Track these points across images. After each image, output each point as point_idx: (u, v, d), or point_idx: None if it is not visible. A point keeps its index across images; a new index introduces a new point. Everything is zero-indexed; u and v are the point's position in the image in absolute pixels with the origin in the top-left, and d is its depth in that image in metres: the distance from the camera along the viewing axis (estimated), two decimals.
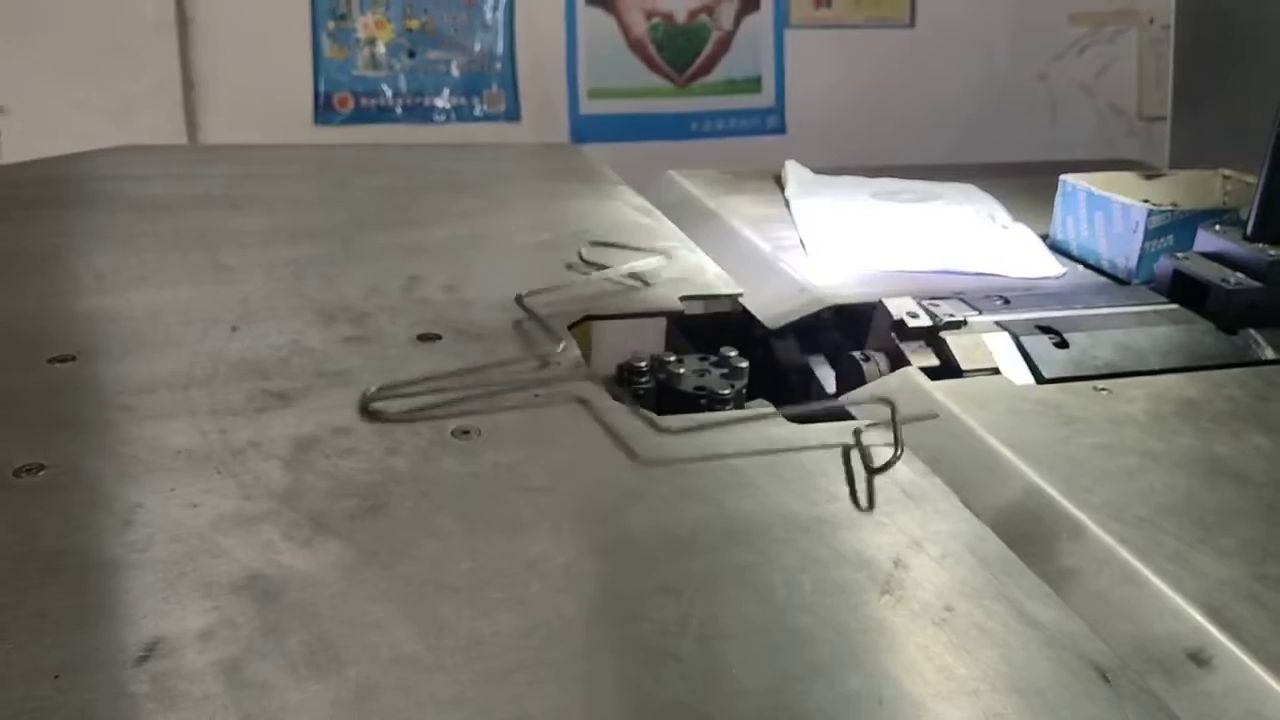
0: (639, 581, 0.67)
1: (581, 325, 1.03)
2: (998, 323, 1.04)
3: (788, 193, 1.48)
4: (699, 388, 0.94)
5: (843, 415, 0.91)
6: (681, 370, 0.96)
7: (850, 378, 1.03)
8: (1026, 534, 0.77)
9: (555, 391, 0.88)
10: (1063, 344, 1.01)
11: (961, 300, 1.08)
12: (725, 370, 0.96)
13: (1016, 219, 1.40)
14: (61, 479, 0.74)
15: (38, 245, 1.15)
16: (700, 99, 2.89)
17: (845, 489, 0.78)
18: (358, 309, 1.02)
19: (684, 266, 1.16)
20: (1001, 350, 1.01)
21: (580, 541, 0.70)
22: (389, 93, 2.68)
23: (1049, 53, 3.09)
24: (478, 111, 2.76)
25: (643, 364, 0.95)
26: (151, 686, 0.56)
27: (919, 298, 1.07)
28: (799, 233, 1.33)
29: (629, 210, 1.35)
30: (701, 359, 0.99)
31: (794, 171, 1.55)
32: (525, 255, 1.18)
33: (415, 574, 0.66)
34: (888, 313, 1.05)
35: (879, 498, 0.77)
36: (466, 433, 0.82)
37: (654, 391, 0.95)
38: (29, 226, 1.20)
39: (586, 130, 2.81)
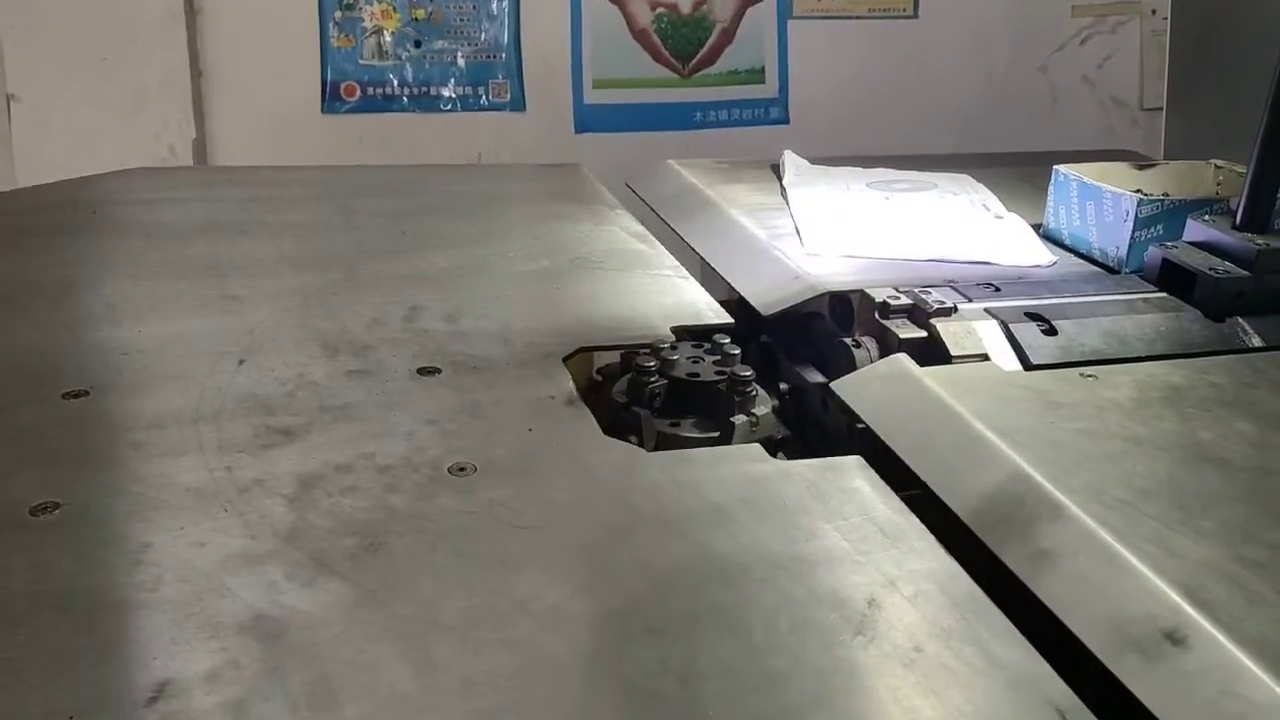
0: (624, 621, 0.70)
1: (576, 356, 1.06)
2: (987, 310, 1.07)
3: (784, 182, 1.51)
4: (691, 374, 0.97)
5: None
6: (675, 357, 0.99)
7: (841, 363, 1.06)
8: (1008, 516, 0.80)
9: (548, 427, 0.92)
10: (1051, 331, 1.04)
11: (952, 288, 1.12)
12: (718, 357, 1.00)
13: (1010, 209, 1.43)
14: (74, 517, 0.78)
15: (50, 275, 1.18)
16: (704, 89, 2.91)
17: (824, 526, 0.81)
18: (360, 341, 1.05)
19: (677, 296, 1.20)
20: (990, 337, 1.04)
21: (569, 580, 0.74)
22: (395, 82, 2.71)
23: (1051, 44, 3.10)
24: (483, 101, 2.79)
25: (651, 364, 0.98)
26: None
27: (911, 285, 1.10)
28: (794, 221, 1.36)
29: (625, 236, 1.38)
30: (695, 345, 1.03)
31: (791, 161, 1.58)
32: (523, 284, 1.21)
33: (411, 613, 0.70)
34: (870, 299, 1.08)
35: (855, 536, 0.80)
36: (463, 469, 0.85)
37: (664, 389, 0.98)
38: (41, 255, 1.24)
39: (591, 120, 2.84)
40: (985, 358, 1.02)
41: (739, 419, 0.93)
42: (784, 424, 1.07)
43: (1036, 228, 1.36)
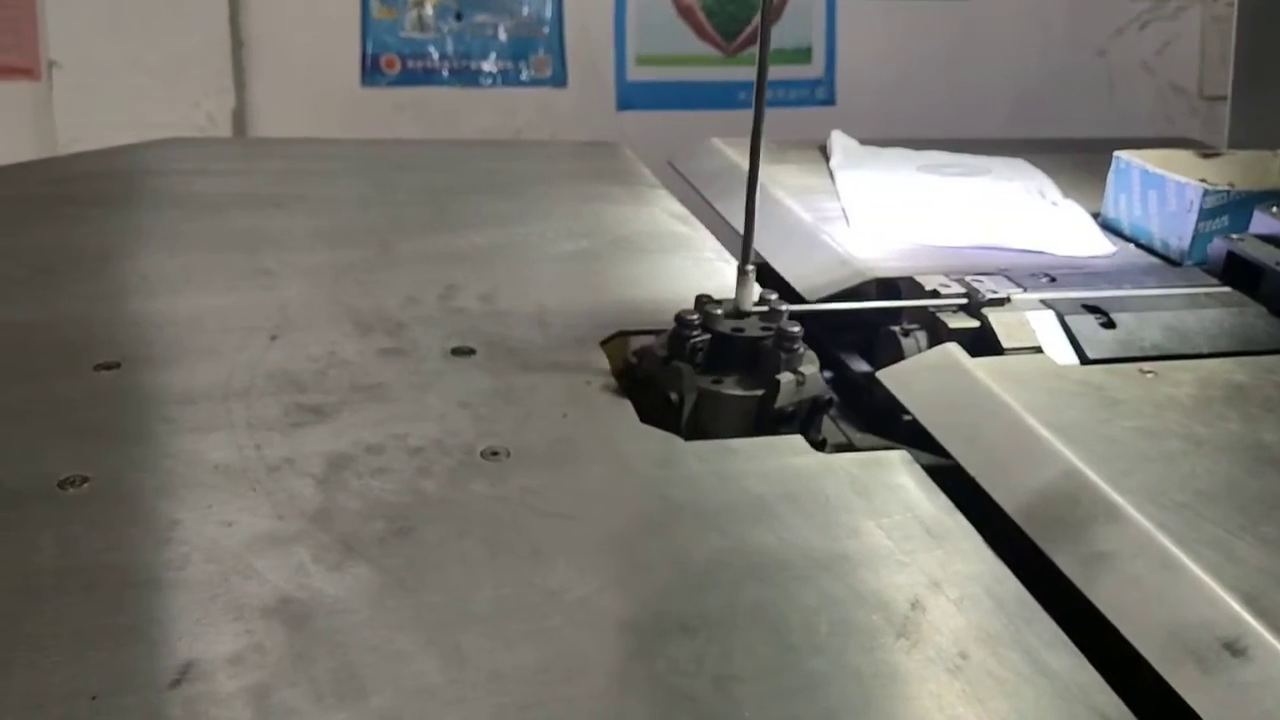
0: (657, 618, 0.68)
1: (614, 340, 1.04)
2: (1043, 301, 1.04)
3: (832, 163, 1.48)
4: (736, 329, 0.94)
5: None
6: (719, 311, 0.95)
7: (888, 352, 1.03)
8: (1061, 516, 0.77)
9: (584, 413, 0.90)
10: (1109, 324, 1.01)
11: (1006, 277, 1.08)
12: (764, 310, 0.96)
13: (1067, 195, 1.39)
14: (104, 491, 0.76)
15: (87, 245, 1.18)
16: (749, 68, 2.88)
17: (867, 523, 0.79)
18: (394, 319, 1.03)
19: (720, 279, 1.17)
20: (1045, 329, 1.01)
21: (601, 573, 0.72)
22: (436, 55, 2.70)
23: (1109, 28, 3.03)
24: (524, 76, 2.77)
25: (694, 317, 0.94)
26: (184, 711, 0.59)
27: (963, 273, 1.07)
28: (842, 204, 1.33)
29: (666, 218, 1.36)
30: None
31: (839, 142, 1.55)
32: (561, 264, 1.19)
33: (440, 602, 0.68)
34: (920, 286, 1.05)
35: (899, 534, 0.78)
36: (496, 454, 0.83)
37: (706, 345, 0.93)
38: (79, 225, 1.23)
39: (633, 97, 2.82)
40: (1039, 350, 0.99)
41: (784, 376, 0.90)
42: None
43: (1095, 216, 1.32)
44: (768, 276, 1.19)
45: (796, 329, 0.92)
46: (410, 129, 2.62)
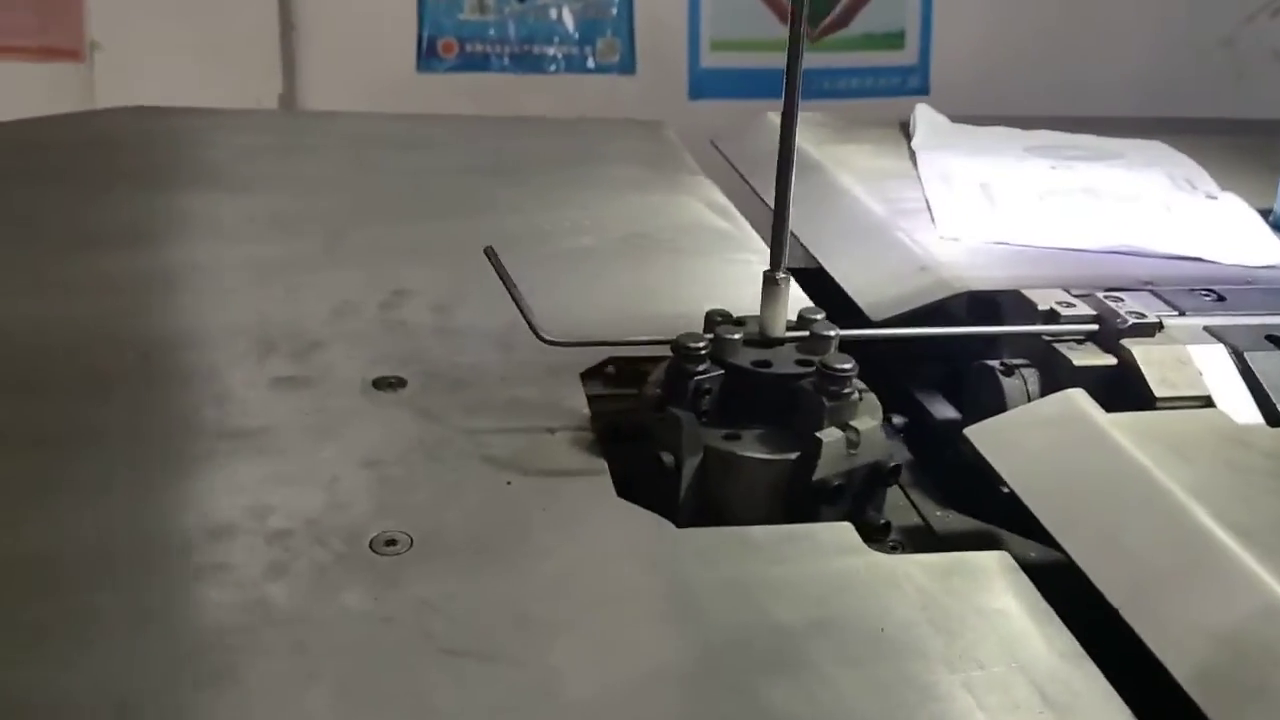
0: None
1: (603, 370, 0.76)
2: (1208, 329, 0.75)
3: (914, 143, 1.18)
4: (759, 363, 0.66)
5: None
6: (736, 336, 0.67)
7: (984, 397, 0.74)
8: (1253, 680, 0.48)
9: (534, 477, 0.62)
10: None
11: (1153, 293, 0.79)
12: (805, 335, 0.67)
13: (1225, 188, 1.08)
14: None
15: None
16: (835, 55, 2.66)
17: (947, 678, 0.50)
18: (309, 335, 0.77)
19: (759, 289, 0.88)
20: (1216, 370, 0.71)
21: None
22: (496, 39, 2.51)
23: (1237, 13, 2.73)
24: (590, 63, 2.58)
25: (700, 345, 0.66)
26: None
27: (1092, 288, 0.78)
28: (925, 193, 1.04)
29: (703, 209, 1.08)
30: None
31: (925, 117, 1.25)
32: (553, 266, 0.92)
33: None
34: (1031, 305, 0.76)
35: (998, 698, 0.49)
36: (393, 544, 0.56)
37: (718, 392, 0.66)
38: None
39: (706, 85, 2.63)
40: (1208, 402, 0.69)
41: (829, 434, 0.62)
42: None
43: (1265, 215, 1.00)
44: (824, 288, 0.91)
45: (848, 366, 0.63)
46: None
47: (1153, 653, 0.51)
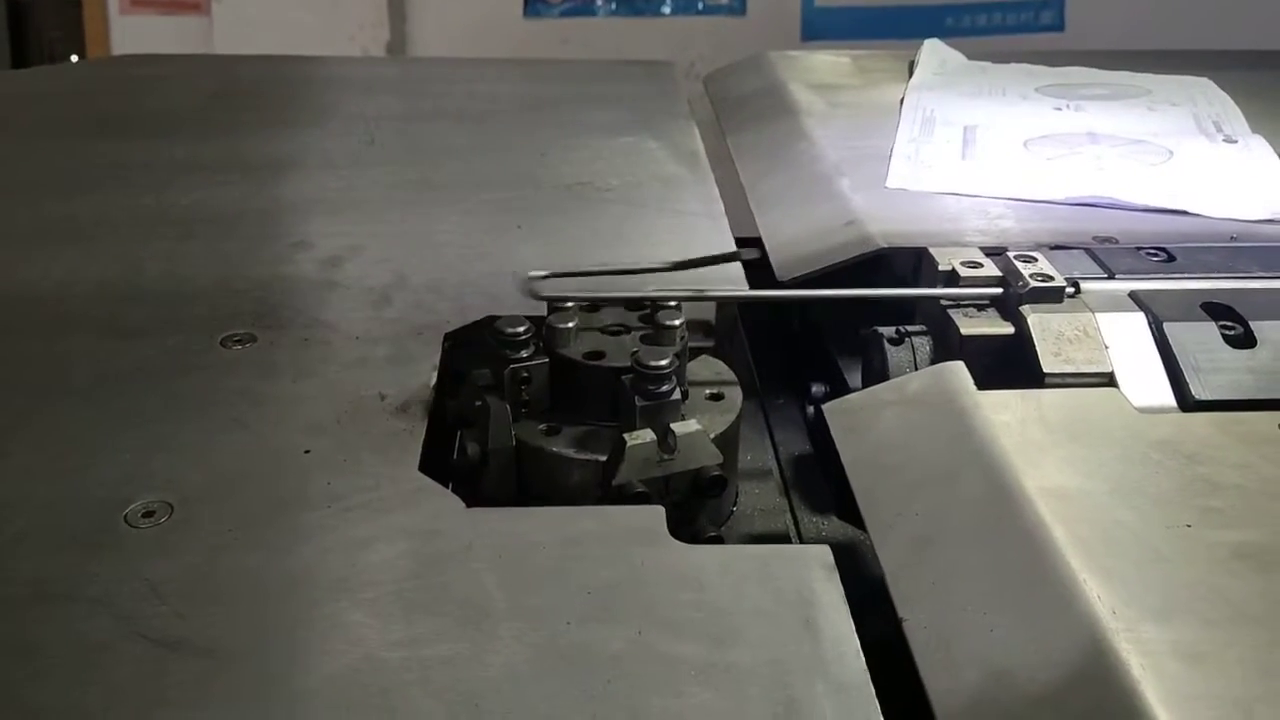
0: None
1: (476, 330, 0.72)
2: (1134, 294, 0.65)
3: (911, 82, 1.09)
4: (591, 354, 0.60)
5: None
6: (568, 325, 0.61)
7: (875, 366, 0.67)
8: None
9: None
10: (1244, 339, 0.61)
11: (1088, 253, 0.70)
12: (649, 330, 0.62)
13: (1256, 131, 0.96)
14: None
15: None
16: None
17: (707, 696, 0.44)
18: (179, 290, 0.75)
19: (683, 246, 0.82)
20: (1127, 343, 0.62)
21: None
22: None
23: None
24: (700, 4, 2.50)
25: (521, 330, 0.61)
26: None
27: (1037, 245, 0.70)
28: (896, 138, 0.95)
29: (665, 157, 1.01)
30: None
31: (933, 53, 1.15)
32: (471, 218, 0.87)
33: None
34: (934, 263, 0.68)
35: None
36: (151, 514, 0.54)
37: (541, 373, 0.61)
38: None
39: (821, 25, 2.51)
40: (1110, 380, 0.60)
41: (636, 436, 0.56)
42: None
43: None
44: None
45: (663, 363, 0.57)
46: None
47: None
